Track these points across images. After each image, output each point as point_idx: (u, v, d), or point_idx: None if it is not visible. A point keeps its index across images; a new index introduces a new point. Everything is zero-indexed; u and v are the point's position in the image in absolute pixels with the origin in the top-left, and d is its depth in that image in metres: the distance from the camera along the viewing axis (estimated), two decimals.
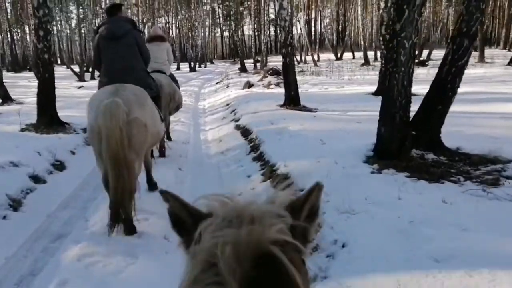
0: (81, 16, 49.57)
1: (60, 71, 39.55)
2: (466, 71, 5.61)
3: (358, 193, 4.33)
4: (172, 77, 7.85)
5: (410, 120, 5.47)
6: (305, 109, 10.52)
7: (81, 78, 28.59)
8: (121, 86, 4.19)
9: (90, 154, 7.98)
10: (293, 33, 36.90)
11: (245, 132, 9.10)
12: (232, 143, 8.71)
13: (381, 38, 11.84)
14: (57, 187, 6.03)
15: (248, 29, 57.85)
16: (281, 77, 16.06)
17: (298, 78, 18.60)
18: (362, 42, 27.30)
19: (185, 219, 0.79)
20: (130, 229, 4.17)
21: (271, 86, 15.75)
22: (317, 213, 0.82)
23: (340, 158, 5.60)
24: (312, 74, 20.88)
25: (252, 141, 8.19)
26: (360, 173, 5.03)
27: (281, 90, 15.09)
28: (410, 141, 5.32)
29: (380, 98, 10.98)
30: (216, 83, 22.90)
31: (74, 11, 51.88)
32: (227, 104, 13.75)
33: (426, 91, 6.03)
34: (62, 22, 48.23)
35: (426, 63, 21.10)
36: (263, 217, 0.72)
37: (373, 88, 13.10)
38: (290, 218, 0.75)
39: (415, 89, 5.94)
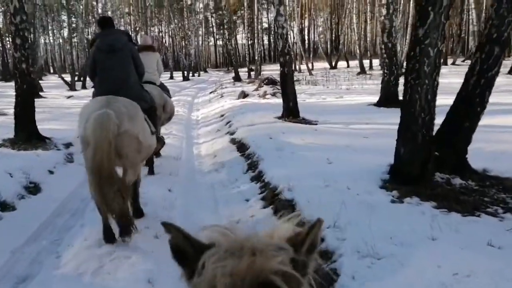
0: (73, 25, 48.92)
1: (52, 80, 38.83)
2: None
3: (380, 229, 3.57)
4: (162, 86, 7.69)
5: (433, 139, 4.73)
6: (304, 121, 9.80)
7: (72, 87, 27.74)
8: (113, 98, 4.12)
9: (71, 173, 7.17)
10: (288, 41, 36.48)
11: (241, 147, 8.34)
12: (228, 158, 7.96)
13: (382, 46, 11.16)
14: (28, 215, 5.24)
15: (241, 38, 57.35)
16: (278, 87, 15.39)
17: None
18: (358, 51, 26.64)
19: (187, 250, 0.78)
20: (128, 230, 4.12)
21: (267, 96, 15.03)
22: (316, 247, 0.81)
23: (352, 182, 4.86)
24: (308, 84, 20.19)
25: (249, 157, 7.44)
26: (378, 202, 4.28)
27: (278, 101, 14.40)
28: (433, 163, 4.57)
29: (383, 109, 10.31)
30: (210, 93, 22.15)
31: (66, 20, 51.08)
32: (222, 115, 12.99)
33: (445, 101, 5.32)
34: (55, 31, 47.39)
35: None
36: (264, 249, 0.72)
37: (374, 98, 12.42)
38: (292, 251, 0.75)
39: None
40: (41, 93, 23.59)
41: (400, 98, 10.95)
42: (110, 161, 3.78)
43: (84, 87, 29.12)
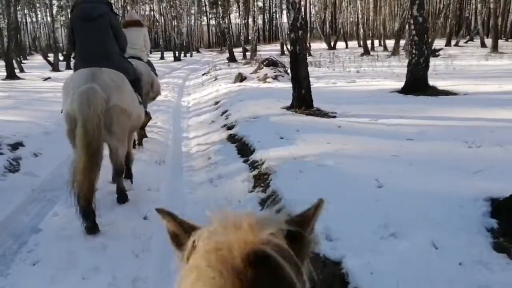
0: (61, 2, 46.19)
1: (37, 60, 36.31)
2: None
3: None
4: (149, 64, 7.18)
5: None
6: (320, 113, 7.78)
7: (54, 67, 25.44)
8: (97, 70, 3.91)
9: (10, 190, 5.14)
10: (283, 21, 34.03)
11: (243, 149, 6.34)
12: (226, 164, 5.98)
13: (411, 21, 9.09)
14: None
15: (235, 17, 54.81)
16: (279, 69, 13.33)
17: None
18: (361, 31, 24.45)
19: (181, 235, 0.78)
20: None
21: (268, 80, 12.94)
22: (313, 222, 0.78)
23: (433, 230, 2.90)
24: (310, 65, 18.06)
25: (255, 166, 5.44)
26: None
27: (281, 85, 12.34)
28: None
29: (411, 97, 8.41)
30: (203, 75, 19.96)
31: None
32: (216, 103, 10.92)
33: None
34: (42, 8, 44.51)
35: (437, 54, 18.47)
36: (257, 223, 0.69)
37: (394, 83, 10.43)
38: (286, 224, 0.71)
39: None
40: (20, 74, 21.46)
41: (432, 83, 9.37)
42: (99, 137, 3.63)
43: (68, 67, 26.78)
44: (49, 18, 47.16)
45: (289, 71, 14.61)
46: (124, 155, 4.38)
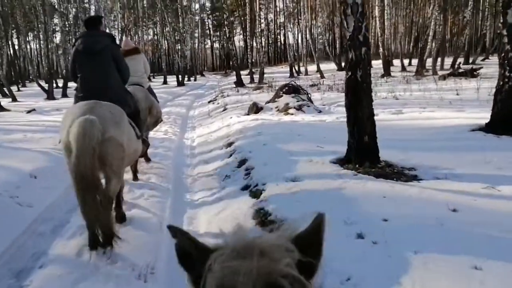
0: (55, 28, 43.96)
1: (36, 86, 33.60)
2: None
3: None
4: (149, 90, 6.83)
5: None
6: (392, 171, 4.91)
7: (49, 95, 22.74)
8: (96, 103, 3.80)
9: None
10: (290, 43, 31.37)
11: None
12: None
13: (505, 33, 6.25)
14: None
15: (239, 39, 52.50)
16: (301, 97, 10.49)
17: (317, 95, 13.02)
18: (381, 50, 21.67)
19: (193, 254, 0.74)
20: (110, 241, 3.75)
21: (291, 111, 10.11)
22: (322, 246, 0.76)
23: None
24: (331, 90, 15.27)
25: None
26: None
27: (309, 118, 9.49)
28: None
29: (506, 139, 4.18)
30: (209, 102, 17.18)
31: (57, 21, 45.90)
32: (229, 144, 8.07)
33: None
34: (41, 35, 42.21)
35: (476, 72, 15.68)
36: (272, 251, 0.67)
37: (469, 116, 7.61)
38: (298, 253, 0.70)
39: None
40: (11, 104, 18.87)
41: None
42: (94, 169, 3.51)
43: (64, 95, 24.15)
44: (42, 45, 44.95)
45: (314, 97, 11.86)
46: (117, 189, 4.10)
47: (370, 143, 4.96)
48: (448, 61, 24.02)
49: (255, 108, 10.81)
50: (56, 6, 36.58)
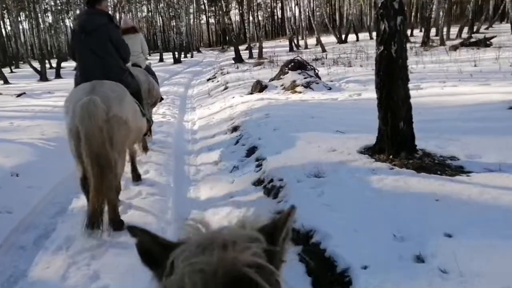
0: (58, 7, 42.43)
1: (27, 68, 32.50)
2: None
3: None
4: (148, 69, 6.72)
5: None
6: (432, 163, 4.09)
7: (42, 76, 21.71)
8: (98, 83, 3.74)
9: None
10: (288, 16, 30.11)
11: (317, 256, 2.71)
12: None
13: None
14: None
15: (234, 14, 50.90)
16: (308, 73, 9.60)
17: (323, 70, 12.11)
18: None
19: (156, 252, 0.70)
20: (119, 226, 3.67)
21: (298, 89, 9.24)
22: (289, 236, 0.73)
23: None
24: (336, 64, 14.33)
25: None
26: None
27: (319, 97, 8.64)
28: None
29: None
30: (208, 80, 16.25)
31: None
32: (235, 129, 7.25)
33: None
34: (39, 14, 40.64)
35: (489, 42, 14.74)
36: (236, 242, 0.65)
37: (505, 91, 6.78)
38: (265, 241, 0.67)
39: None
40: (3, 87, 17.94)
41: None
42: (105, 147, 3.45)
43: (58, 75, 23.13)
44: (34, 24, 43.55)
45: (320, 73, 10.96)
46: (122, 170, 4.02)
47: (406, 130, 4.13)
48: (453, 30, 23.00)
49: (259, 87, 9.94)
50: None
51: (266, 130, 6.26)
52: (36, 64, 24.30)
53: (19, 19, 49.14)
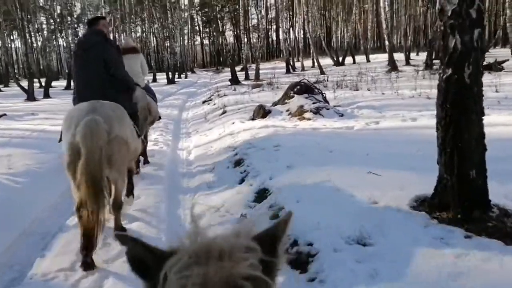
0: (51, 27, 41.39)
1: (16, 87, 31.23)
2: None
3: None
4: (147, 88, 6.67)
5: None
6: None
7: (29, 96, 20.50)
8: (97, 103, 3.74)
9: None
10: (283, 38, 29.28)
11: None
12: None
13: None
14: None
15: (228, 35, 50.28)
16: (316, 97, 8.55)
17: (329, 94, 11.07)
18: (387, 43, 19.71)
19: (147, 261, 0.66)
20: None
21: (307, 116, 8.15)
22: (284, 244, 0.70)
23: None
24: (340, 87, 13.32)
25: None
26: None
27: (331, 125, 7.57)
28: None
29: None
30: (204, 102, 15.16)
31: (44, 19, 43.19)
32: (238, 162, 6.13)
33: None
34: (32, 33, 39.51)
35: (500, 66, 13.88)
36: (232, 252, 0.62)
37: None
38: (260, 251, 0.64)
39: None
40: None
41: None
42: (102, 169, 3.48)
43: (46, 95, 21.94)
44: (34, 44, 42.41)
45: (327, 97, 9.90)
46: (123, 189, 4.11)
47: (478, 180, 3.03)
48: None
49: (262, 112, 8.85)
50: (41, 4, 34.16)
51: (277, 167, 5.12)
52: (26, 83, 23.16)
53: (12, 38, 48.17)
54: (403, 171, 4.37)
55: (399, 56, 22.81)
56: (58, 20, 34.52)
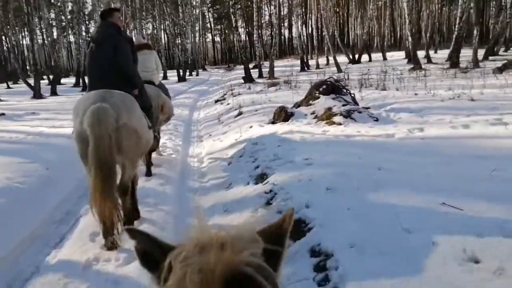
0: (63, 23, 40.62)
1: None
2: None
3: None
4: (161, 86, 6.49)
5: None
6: None
7: (36, 94, 19.57)
8: (107, 92, 3.67)
9: None
10: (295, 35, 28.00)
11: None
12: None
13: None
14: None
15: (240, 32, 49.02)
16: (344, 98, 7.43)
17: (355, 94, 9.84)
18: (410, 39, 18.35)
19: (155, 254, 0.66)
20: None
21: (336, 120, 6.98)
22: (287, 238, 0.71)
23: None
24: (364, 86, 12.10)
25: None
26: None
27: (365, 131, 6.38)
28: None
29: None
30: (216, 101, 14.04)
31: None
32: (260, 177, 5.00)
33: None
34: (43, 30, 38.64)
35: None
36: (234, 242, 0.62)
37: None
38: (263, 242, 0.64)
39: None
40: None
41: None
42: (112, 156, 3.43)
43: (54, 92, 21.01)
44: (46, 40, 41.57)
45: (358, 95, 8.67)
46: (131, 176, 3.97)
47: None
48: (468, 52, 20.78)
49: (284, 114, 7.71)
50: (52, 1, 33.26)
51: (314, 190, 3.98)
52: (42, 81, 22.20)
53: (23, 34, 47.34)
54: (486, 201, 3.21)
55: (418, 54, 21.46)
56: (69, 16, 33.66)
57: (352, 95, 8.30)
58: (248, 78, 18.60)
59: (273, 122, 7.80)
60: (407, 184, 3.78)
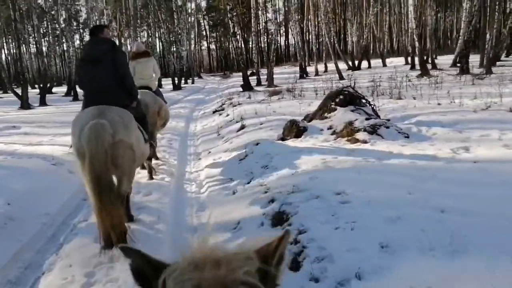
0: (56, 32, 39.34)
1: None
2: None
3: None
4: (157, 92, 6.47)
5: None
6: None
7: (23, 104, 18.30)
8: (105, 108, 3.70)
9: None
10: (293, 42, 26.88)
11: None
12: None
13: None
14: None
15: (237, 39, 47.97)
16: (364, 109, 6.27)
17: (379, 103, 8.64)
18: (417, 44, 17.23)
19: (148, 272, 0.67)
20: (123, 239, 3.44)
21: (360, 137, 5.79)
22: (284, 259, 0.70)
23: None
24: (374, 95, 10.95)
25: None
26: None
27: (398, 151, 5.14)
28: None
29: None
30: (214, 112, 12.84)
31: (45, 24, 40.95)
32: (277, 220, 3.78)
33: None
34: (31, 38, 37.19)
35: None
36: (229, 260, 0.62)
37: None
38: (258, 261, 0.65)
39: None
40: None
41: None
42: (108, 171, 3.45)
43: (43, 102, 19.74)
44: (34, 49, 39.93)
45: (380, 107, 7.46)
46: (127, 188, 3.97)
47: None
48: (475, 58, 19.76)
49: (296, 129, 6.54)
50: (45, 9, 31.98)
51: (362, 246, 2.80)
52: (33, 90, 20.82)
53: (14, 44, 45.88)
54: None
55: (416, 60, 20.40)
56: (63, 25, 32.41)
57: (373, 105, 7.15)
58: (247, 86, 17.40)
59: (282, 139, 6.63)
60: (488, 240, 2.60)
